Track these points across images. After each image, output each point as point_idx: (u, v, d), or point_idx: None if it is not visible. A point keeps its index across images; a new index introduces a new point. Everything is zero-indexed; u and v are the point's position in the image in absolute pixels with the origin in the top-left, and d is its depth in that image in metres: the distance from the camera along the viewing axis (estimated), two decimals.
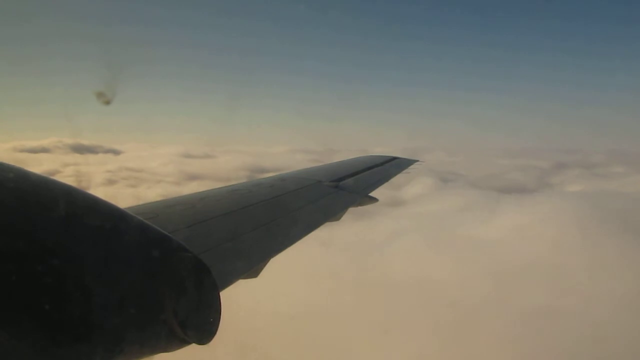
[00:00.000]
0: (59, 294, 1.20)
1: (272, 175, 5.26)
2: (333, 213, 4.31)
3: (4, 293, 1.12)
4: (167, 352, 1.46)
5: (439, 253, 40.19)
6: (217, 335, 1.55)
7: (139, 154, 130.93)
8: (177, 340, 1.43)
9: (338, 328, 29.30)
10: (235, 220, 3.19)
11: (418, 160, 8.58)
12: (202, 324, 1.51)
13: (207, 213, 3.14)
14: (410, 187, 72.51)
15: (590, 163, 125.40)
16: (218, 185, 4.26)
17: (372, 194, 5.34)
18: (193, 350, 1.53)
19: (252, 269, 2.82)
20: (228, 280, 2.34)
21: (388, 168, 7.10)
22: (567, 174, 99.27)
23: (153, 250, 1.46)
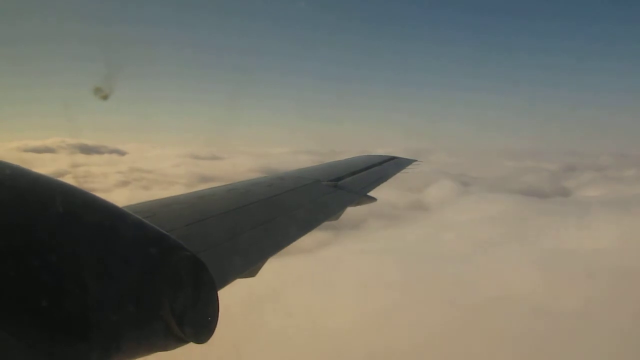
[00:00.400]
0: (56, 292, 1.20)
1: (270, 174, 5.24)
2: (331, 212, 4.31)
3: (1, 291, 1.13)
4: (164, 350, 1.46)
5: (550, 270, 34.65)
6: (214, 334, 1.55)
7: (144, 155, 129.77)
8: (174, 339, 1.43)
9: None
10: (234, 219, 3.19)
11: (416, 160, 8.60)
12: (199, 323, 1.50)
13: (205, 212, 3.14)
14: (432, 190, 69.08)
15: (599, 166, 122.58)
16: None
17: (370, 194, 5.32)
18: (191, 349, 1.54)
19: (250, 268, 2.82)
20: (226, 279, 2.33)
21: (386, 167, 7.08)
22: (579, 177, 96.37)
23: (151, 249, 1.46)
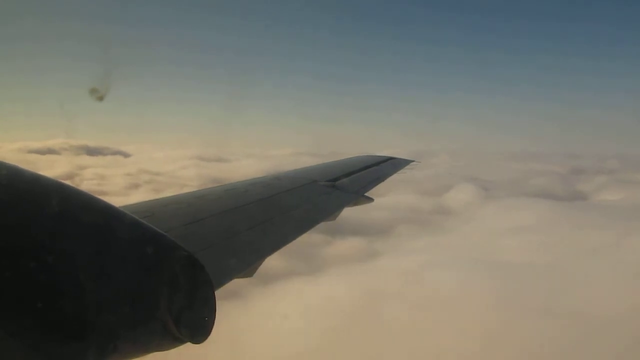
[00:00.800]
0: (53, 292, 1.20)
1: (268, 174, 5.24)
2: (329, 212, 4.32)
3: None
4: (161, 350, 1.45)
5: None
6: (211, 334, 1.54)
7: (150, 156, 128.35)
8: (171, 339, 1.43)
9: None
10: (231, 219, 3.19)
11: (414, 161, 8.64)
12: (196, 323, 1.50)
13: (203, 212, 3.14)
14: (453, 194, 67.33)
15: (605, 168, 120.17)
16: None
17: (367, 194, 5.30)
18: (188, 349, 1.53)
19: (247, 268, 2.83)
20: (223, 279, 2.34)
21: (384, 168, 7.08)
22: (591, 181, 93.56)
23: (148, 249, 1.46)
